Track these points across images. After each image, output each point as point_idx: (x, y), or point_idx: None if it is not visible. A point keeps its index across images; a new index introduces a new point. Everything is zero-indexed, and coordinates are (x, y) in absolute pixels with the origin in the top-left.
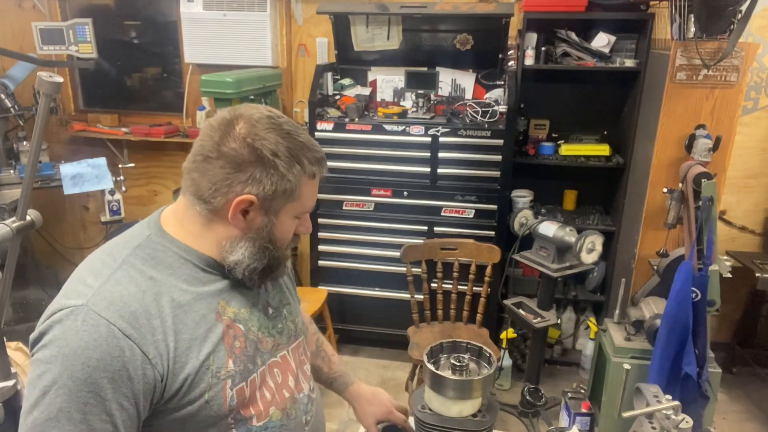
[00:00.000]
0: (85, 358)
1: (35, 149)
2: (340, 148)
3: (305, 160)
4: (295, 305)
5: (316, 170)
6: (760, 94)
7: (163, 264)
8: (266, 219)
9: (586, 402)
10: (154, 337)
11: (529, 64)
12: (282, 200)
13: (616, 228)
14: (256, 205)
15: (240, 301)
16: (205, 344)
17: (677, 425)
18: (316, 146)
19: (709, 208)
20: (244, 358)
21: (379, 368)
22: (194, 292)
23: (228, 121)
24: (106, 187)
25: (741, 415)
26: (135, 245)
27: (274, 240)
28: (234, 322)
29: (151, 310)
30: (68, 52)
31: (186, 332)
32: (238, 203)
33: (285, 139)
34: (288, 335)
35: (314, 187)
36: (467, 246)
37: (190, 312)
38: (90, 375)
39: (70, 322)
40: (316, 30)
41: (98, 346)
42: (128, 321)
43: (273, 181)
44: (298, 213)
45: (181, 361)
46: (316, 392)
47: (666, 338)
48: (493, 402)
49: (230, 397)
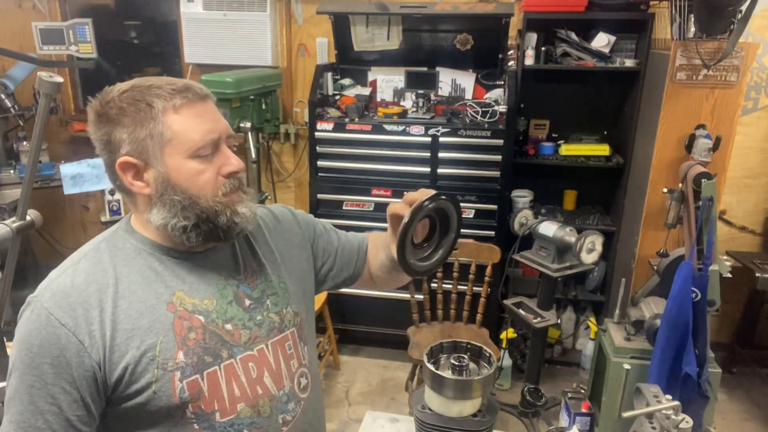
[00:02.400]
0: (29, 345)
1: (35, 149)
2: (340, 148)
3: (154, 98)
4: (285, 296)
5: (176, 101)
6: (760, 94)
7: (121, 255)
8: (155, 171)
9: (586, 402)
10: (90, 327)
11: (529, 64)
12: (154, 147)
13: (616, 228)
14: (138, 163)
15: (205, 291)
16: (150, 335)
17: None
18: (173, 83)
19: (709, 208)
20: (199, 351)
21: (379, 368)
22: (144, 282)
23: (88, 108)
24: (106, 187)
25: (741, 415)
26: (100, 240)
27: (181, 189)
28: (192, 314)
29: (92, 300)
30: (68, 52)
31: (127, 322)
32: (120, 168)
33: (127, 92)
34: (269, 328)
35: (190, 117)
36: (467, 246)
37: (135, 303)
38: (33, 360)
39: (26, 312)
40: (316, 30)
41: (38, 334)
42: (65, 311)
43: (130, 132)
44: (189, 152)
45: (119, 350)
46: (309, 392)
47: (666, 338)
48: (493, 402)
49: (179, 389)
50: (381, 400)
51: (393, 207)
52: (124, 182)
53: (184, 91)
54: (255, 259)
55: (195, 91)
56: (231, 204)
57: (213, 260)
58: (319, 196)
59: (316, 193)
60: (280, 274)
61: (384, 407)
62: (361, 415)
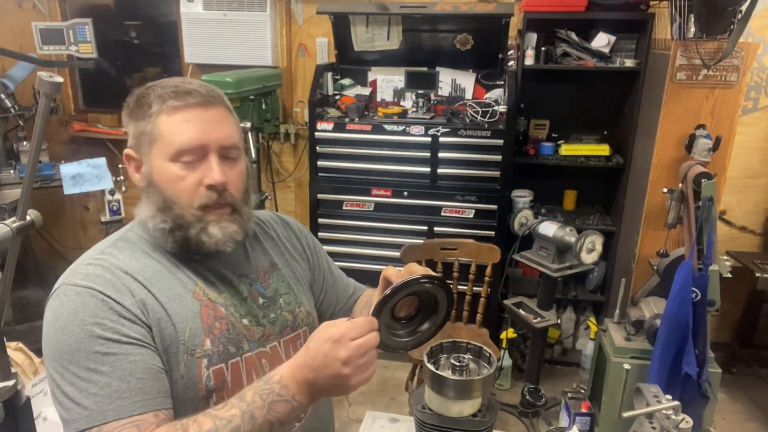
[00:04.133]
0: (79, 321)
1: (35, 149)
2: (340, 148)
3: (156, 98)
4: (298, 296)
5: (171, 102)
6: (760, 94)
7: (139, 249)
8: (146, 168)
9: (586, 402)
10: (133, 299)
11: (529, 64)
12: (145, 143)
13: (616, 228)
14: (136, 156)
15: (221, 287)
16: (180, 321)
17: (677, 425)
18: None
19: (709, 208)
20: (224, 340)
21: (379, 368)
22: (168, 272)
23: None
24: (106, 187)
25: (741, 415)
26: (116, 238)
27: (159, 190)
28: (215, 303)
29: (120, 287)
30: (68, 52)
31: (157, 307)
32: (126, 160)
33: (147, 89)
34: (282, 326)
35: (180, 121)
36: (467, 246)
37: (162, 289)
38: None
39: (53, 302)
40: (316, 30)
41: (85, 307)
42: (104, 286)
43: (133, 126)
44: (170, 154)
45: (158, 326)
46: None
47: (666, 338)
48: (493, 402)
49: (206, 376)
50: (381, 400)
51: (388, 271)
52: (129, 171)
53: (185, 95)
54: (267, 259)
55: (198, 95)
56: (203, 219)
57: (225, 259)
58: (319, 196)
59: (316, 193)
60: (291, 275)
61: (384, 407)
62: (361, 415)
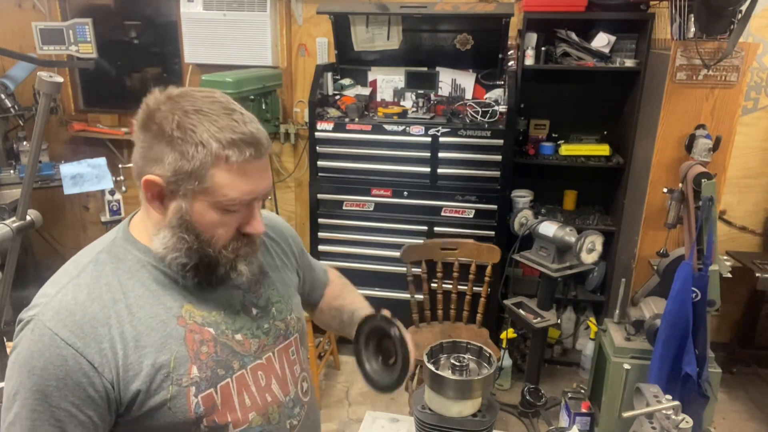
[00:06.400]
0: (30, 367)
1: (35, 149)
2: (340, 148)
3: (213, 141)
4: (288, 303)
5: (230, 154)
6: (760, 94)
7: (123, 268)
8: (178, 205)
9: (586, 402)
10: (100, 345)
11: (529, 64)
12: (189, 184)
13: (616, 228)
14: (165, 188)
15: (211, 303)
16: (163, 351)
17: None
18: (239, 128)
19: (709, 208)
20: (212, 364)
21: None
22: (152, 296)
23: (152, 101)
24: (106, 187)
25: (741, 415)
26: (98, 251)
27: (194, 231)
28: (202, 327)
29: (99, 317)
30: (68, 52)
31: (139, 339)
32: (144, 184)
33: (195, 115)
34: (276, 335)
35: (236, 175)
36: (467, 246)
37: (144, 318)
38: (35, 383)
39: (25, 332)
40: (316, 30)
41: (41, 355)
42: (71, 330)
43: (173, 160)
44: (218, 204)
45: (133, 368)
46: (309, 396)
47: (666, 338)
48: (493, 402)
49: (195, 404)
50: (381, 400)
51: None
52: (145, 196)
53: (244, 146)
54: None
55: (259, 146)
56: (235, 259)
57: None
58: (319, 196)
59: (316, 193)
60: (281, 282)
61: (384, 407)
62: (361, 415)
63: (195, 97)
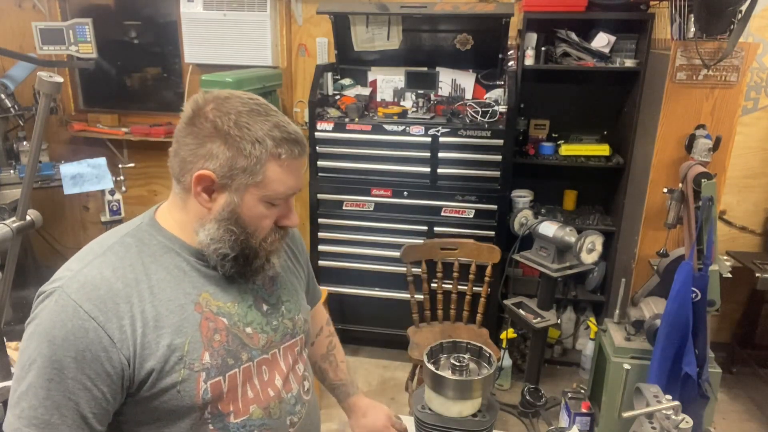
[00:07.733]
0: (51, 337)
1: (35, 149)
2: (340, 148)
3: (267, 138)
4: (297, 303)
5: (282, 151)
6: (760, 94)
7: (147, 251)
8: (229, 198)
9: (586, 402)
10: (121, 321)
11: (529, 64)
12: (243, 179)
13: (616, 228)
14: (217, 182)
15: (228, 295)
16: (179, 334)
17: (677, 425)
18: (287, 128)
19: (709, 208)
20: (223, 352)
21: (379, 368)
22: (173, 281)
23: (201, 101)
24: (106, 187)
25: (741, 415)
26: (124, 233)
27: (242, 224)
28: (217, 316)
29: (121, 294)
30: (68, 52)
31: (158, 319)
32: (197, 179)
33: (248, 115)
34: (283, 333)
35: (285, 171)
36: (467, 246)
37: (165, 300)
38: (54, 352)
39: (46, 302)
40: (316, 30)
41: (63, 326)
42: (95, 303)
43: (229, 156)
44: (266, 197)
45: (150, 347)
46: (311, 395)
47: (666, 338)
48: (493, 402)
49: (203, 390)
50: (381, 400)
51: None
52: (192, 187)
53: (293, 145)
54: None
55: (303, 146)
56: (272, 251)
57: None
58: (319, 196)
59: (316, 193)
60: (292, 283)
61: None
62: None
63: (242, 99)
